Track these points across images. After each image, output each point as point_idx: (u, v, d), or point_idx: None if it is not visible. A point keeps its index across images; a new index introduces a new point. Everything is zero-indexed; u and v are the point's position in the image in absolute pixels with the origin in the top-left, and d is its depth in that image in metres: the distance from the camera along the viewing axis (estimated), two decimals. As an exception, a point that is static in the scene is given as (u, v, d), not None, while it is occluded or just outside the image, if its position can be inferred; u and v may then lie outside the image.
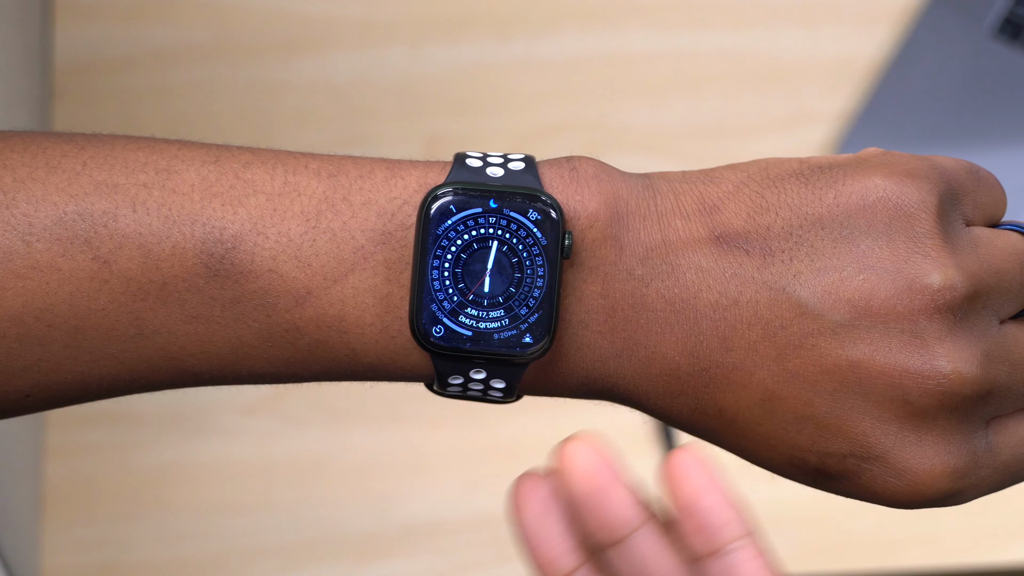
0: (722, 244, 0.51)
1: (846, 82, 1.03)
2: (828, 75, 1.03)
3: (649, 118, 1.02)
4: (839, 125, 1.02)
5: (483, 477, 0.96)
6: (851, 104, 1.02)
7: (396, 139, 1.01)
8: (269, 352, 0.51)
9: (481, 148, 0.55)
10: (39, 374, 0.51)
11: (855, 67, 1.03)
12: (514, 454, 0.96)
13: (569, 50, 1.03)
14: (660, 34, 1.03)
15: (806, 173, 0.51)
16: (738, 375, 0.50)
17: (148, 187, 0.50)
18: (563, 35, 1.03)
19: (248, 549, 0.95)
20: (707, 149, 1.02)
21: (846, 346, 0.50)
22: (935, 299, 0.50)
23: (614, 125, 1.02)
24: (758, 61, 1.03)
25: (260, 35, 1.02)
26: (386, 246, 0.50)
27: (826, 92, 1.03)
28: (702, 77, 1.03)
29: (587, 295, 0.51)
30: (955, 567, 0.95)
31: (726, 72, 1.03)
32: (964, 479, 0.51)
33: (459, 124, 1.01)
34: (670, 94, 1.03)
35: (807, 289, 0.50)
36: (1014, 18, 1.02)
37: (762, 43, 1.03)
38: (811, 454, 0.51)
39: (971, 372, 0.50)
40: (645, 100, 1.02)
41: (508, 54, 1.03)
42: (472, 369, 0.51)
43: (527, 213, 0.51)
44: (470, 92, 1.02)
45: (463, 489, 0.96)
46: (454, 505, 0.96)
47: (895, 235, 0.50)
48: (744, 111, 1.02)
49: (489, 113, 1.02)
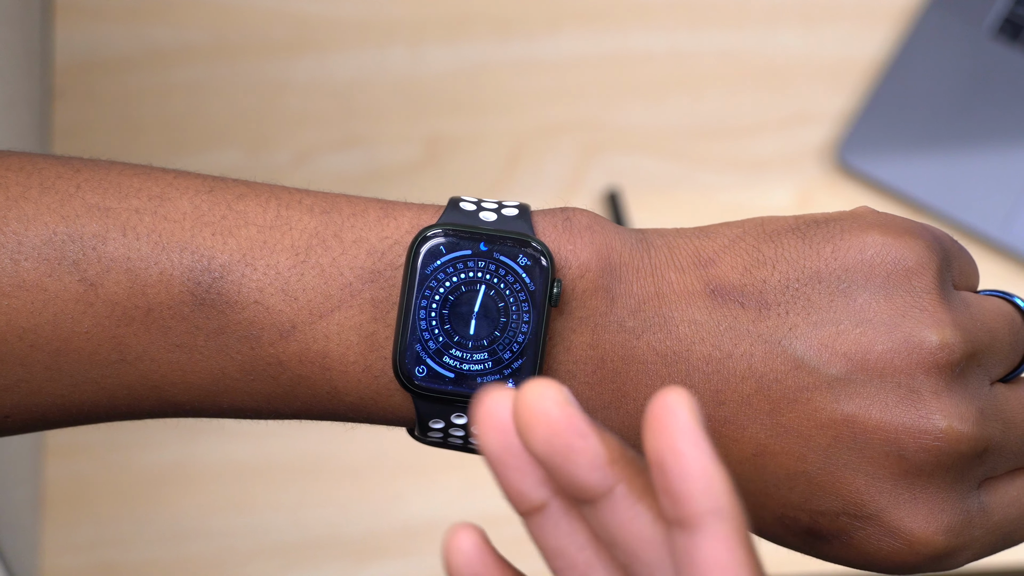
0: (717, 297, 0.50)
1: (846, 82, 1.02)
2: (828, 75, 1.03)
3: (648, 118, 1.02)
4: (839, 125, 1.02)
5: (483, 477, 0.95)
6: (851, 104, 1.02)
7: (396, 139, 1.01)
8: (251, 385, 0.51)
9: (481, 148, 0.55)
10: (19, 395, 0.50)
11: (855, 67, 1.03)
12: None
13: (569, 50, 1.03)
14: (660, 34, 1.03)
15: (803, 228, 0.51)
16: (730, 429, 0.50)
17: (140, 212, 0.50)
18: (563, 35, 1.03)
19: (248, 549, 0.94)
20: (707, 149, 1.02)
21: (841, 400, 0.49)
22: (934, 355, 0.49)
23: (613, 125, 1.02)
24: (758, 61, 1.03)
25: (260, 35, 1.02)
26: (374, 284, 0.50)
27: (826, 92, 1.02)
28: (702, 77, 1.03)
29: (576, 345, 0.50)
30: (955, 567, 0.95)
31: (726, 72, 1.03)
32: (959, 537, 0.50)
33: (459, 124, 1.01)
34: (670, 94, 1.03)
35: (803, 342, 0.49)
36: (1014, 18, 1.02)
37: (762, 43, 1.03)
38: (803, 512, 0.50)
39: (967, 429, 0.49)
40: (645, 100, 1.02)
41: (508, 54, 1.03)
42: (453, 413, 0.51)
43: (517, 258, 0.50)
44: (470, 92, 1.02)
45: (463, 489, 0.96)
46: (454, 505, 0.96)
47: (893, 290, 0.50)
48: (743, 111, 1.02)
49: (489, 113, 1.01)
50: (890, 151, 1.00)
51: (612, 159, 1.01)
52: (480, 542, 0.41)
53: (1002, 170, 1.00)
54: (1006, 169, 1.00)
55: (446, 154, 1.00)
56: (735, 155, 1.01)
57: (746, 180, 1.01)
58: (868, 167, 1.00)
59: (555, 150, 1.01)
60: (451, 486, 0.96)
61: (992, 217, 0.99)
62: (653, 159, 1.01)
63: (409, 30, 1.02)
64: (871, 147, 1.00)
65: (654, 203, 1.00)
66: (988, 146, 1.00)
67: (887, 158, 1.00)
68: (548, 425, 0.40)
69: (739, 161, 1.01)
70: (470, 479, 0.96)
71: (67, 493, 0.95)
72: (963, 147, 1.00)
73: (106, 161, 0.52)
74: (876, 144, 1.00)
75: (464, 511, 0.95)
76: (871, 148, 1.00)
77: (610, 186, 1.00)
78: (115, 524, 0.94)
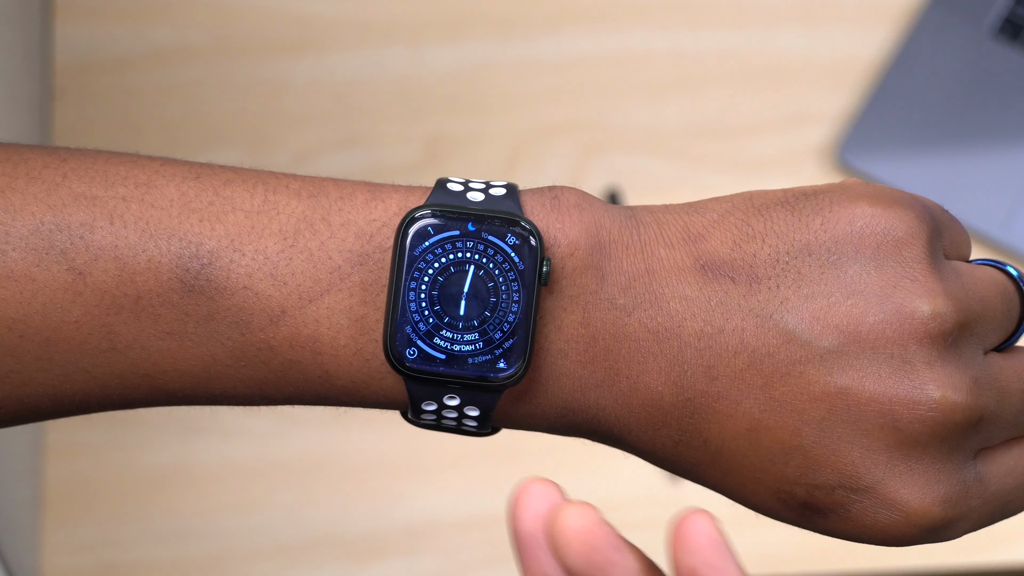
0: (707, 272, 0.50)
1: (846, 82, 1.02)
2: (828, 75, 1.03)
3: (648, 118, 1.02)
4: (839, 125, 1.02)
5: (483, 477, 0.96)
6: (851, 104, 1.02)
7: (395, 139, 1.01)
8: (242, 371, 0.50)
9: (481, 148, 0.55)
10: (10, 387, 0.50)
11: (855, 67, 1.03)
12: (514, 455, 0.96)
13: (569, 50, 1.03)
14: (660, 34, 1.03)
15: (791, 201, 0.51)
16: (723, 404, 0.49)
17: (127, 200, 0.50)
18: (562, 35, 1.03)
19: (248, 549, 0.95)
20: (707, 149, 1.02)
21: (834, 373, 0.49)
22: (926, 325, 0.49)
23: (613, 125, 1.02)
24: (758, 61, 1.03)
25: (260, 35, 1.02)
26: (363, 267, 0.50)
27: (826, 92, 1.02)
28: (702, 77, 1.03)
29: (567, 324, 0.50)
30: (956, 567, 0.95)
31: (726, 72, 1.03)
32: (955, 508, 0.50)
33: (458, 124, 1.01)
34: (670, 94, 1.03)
35: (794, 316, 0.49)
36: (1014, 18, 1.02)
37: (762, 43, 1.03)
38: (799, 487, 0.50)
39: (961, 399, 0.49)
40: (644, 100, 1.02)
41: (507, 54, 1.03)
42: (446, 395, 0.50)
43: (505, 238, 0.50)
44: (469, 92, 1.02)
45: (463, 489, 0.96)
46: (454, 505, 0.95)
47: (884, 261, 0.50)
48: (744, 111, 1.02)
49: (488, 113, 1.02)
50: (890, 151, 1.00)
51: (612, 159, 1.01)
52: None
53: (1002, 170, 1.00)
54: (1006, 169, 1.00)
55: (446, 154, 1.00)
56: (735, 155, 1.01)
57: (746, 180, 1.00)
58: (868, 167, 1.00)
59: (555, 150, 1.01)
60: (452, 486, 0.96)
61: (992, 217, 0.99)
62: (653, 159, 1.01)
63: (409, 30, 1.02)
64: (871, 147, 1.01)
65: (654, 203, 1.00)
66: (988, 146, 1.00)
67: (887, 158, 1.00)
68: (586, 542, 0.41)
69: (739, 161, 1.01)
70: (471, 479, 0.96)
71: (67, 493, 0.95)
72: (963, 147, 1.00)
73: (92, 150, 0.52)
74: (876, 144, 1.01)
75: (465, 511, 0.95)
76: (871, 148, 1.01)
77: (610, 186, 1.00)
78: (115, 524, 0.94)
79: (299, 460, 0.96)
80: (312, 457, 0.96)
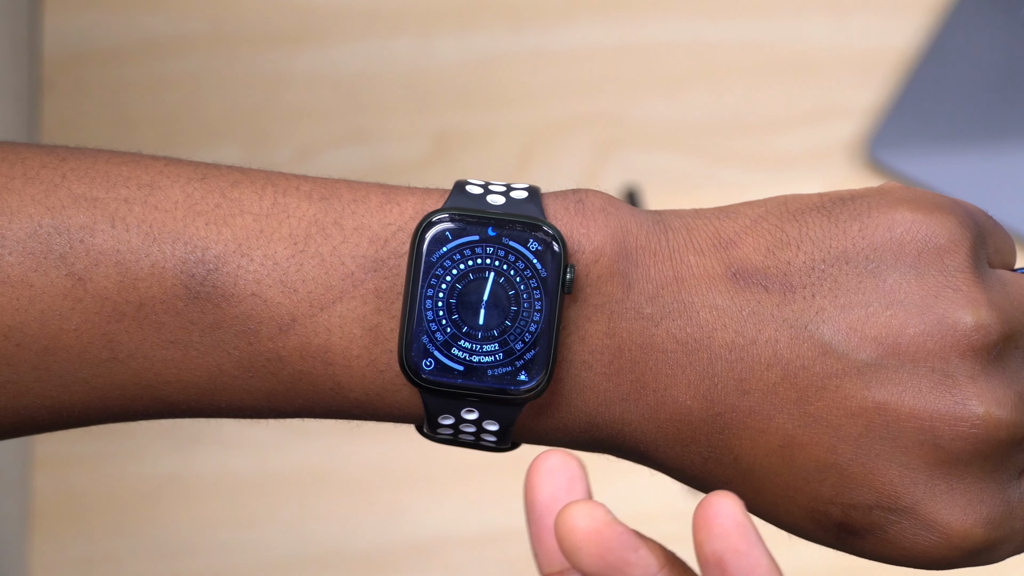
0: (739, 281, 0.49)
1: (876, 75, 1.03)
2: (857, 67, 1.03)
3: (668, 112, 1.02)
4: (869, 120, 1.02)
5: (495, 490, 0.95)
6: (881, 98, 1.02)
7: (402, 135, 1.01)
8: (249, 383, 0.50)
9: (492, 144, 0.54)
10: (6, 397, 0.50)
11: (886, 59, 1.03)
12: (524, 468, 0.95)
13: (584, 41, 1.03)
14: (680, 24, 1.03)
15: (828, 206, 0.50)
16: (755, 420, 0.49)
17: (129, 202, 0.49)
18: (578, 25, 1.03)
19: (247, 565, 0.94)
20: (729, 145, 1.02)
21: (872, 387, 0.48)
22: (969, 337, 0.48)
23: (632, 119, 1.02)
24: (783, 52, 1.03)
25: (259, 25, 1.02)
26: (377, 274, 0.49)
27: (855, 85, 1.02)
28: (724, 69, 1.03)
29: (591, 334, 0.49)
30: None
31: (749, 64, 1.03)
32: (999, 530, 0.49)
33: (468, 119, 1.01)
34: (691, 87, 1.02)
35: (830, 327, 0.49)
36: (1053, 7, 1.04)
37: (788, 33, 1.03)
38: (834, 506, 0.49)
39: (1006, 415, 0.48)
40: (664, 93, 1.02)
41: (520, 45, 1.03)
42: (464, 408, 0.50)
43: (527, 243, 0.50)
44: (480, 85, 1.02)
45: (471, 503, 0.95)
46: (462, 520, 0.95)
47: (925, 269, 0.49)
48: (768, 105, 1.02)
49: (500, 107, 1.01)
50: (922, 147, 1.00)
51: (630, 155, 1.01)
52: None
53: (1041, 167, 1.01)
54: (1045, 166, 1.01)
55: (455, 150, 1.00)
56: (760, 151, 1.01)
57: (771, 177, 1.01)
58: (900, 163, 1.00)
59: (570, 146, 1.01)
60: (459, 499, 0.95)
61: (1032, 218, 1.00)
62: (673, 155, 1.01)
63: (417, 20, 1.02)
64: (903, 143, 1.00)
65: (674, 202, 1.01)
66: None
67: (920, 154, 1.00)
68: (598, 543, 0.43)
69: (764, 157, 1.01)
70: (482, 492, 0.95)
71: (57, 507, 0.94)
72: (999, 143, 1.00)
73: (93, 149, 0.51)
74: (908, 139, 1.00)
75: (476, 526, 0.95)
76: (903, 144, 1.00)
77: (628, 184, 1.00)
78: (108, 539, 0.94)
79: (301, 472, 0.95)
80: (314, 469, 0.95)
